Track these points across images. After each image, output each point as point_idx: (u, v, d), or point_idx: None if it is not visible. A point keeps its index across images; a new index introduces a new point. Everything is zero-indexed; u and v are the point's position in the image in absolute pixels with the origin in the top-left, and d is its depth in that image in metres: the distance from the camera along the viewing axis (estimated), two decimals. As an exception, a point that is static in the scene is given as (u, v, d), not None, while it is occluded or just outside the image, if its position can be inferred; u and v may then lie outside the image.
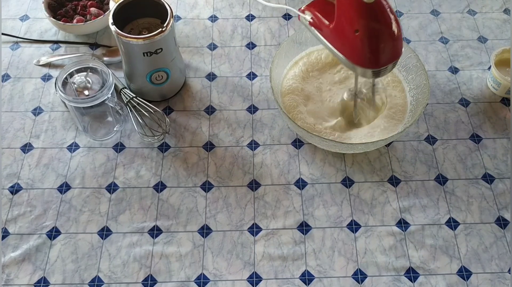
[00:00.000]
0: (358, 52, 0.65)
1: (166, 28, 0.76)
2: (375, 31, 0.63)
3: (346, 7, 0.63)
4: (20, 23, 0.97)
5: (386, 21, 0.63)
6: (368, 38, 0.63)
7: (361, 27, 0.62)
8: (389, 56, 0.65)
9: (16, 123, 0.84)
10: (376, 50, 0.64)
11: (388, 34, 0.63)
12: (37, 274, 0.70)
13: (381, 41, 0.63)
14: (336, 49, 0.68)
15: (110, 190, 0.77)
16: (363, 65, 0.66)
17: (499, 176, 0.78)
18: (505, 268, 0.70)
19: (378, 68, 0.66)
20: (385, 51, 0.64)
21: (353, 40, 0.64)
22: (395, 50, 0.65)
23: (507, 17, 0.98)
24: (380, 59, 0.65)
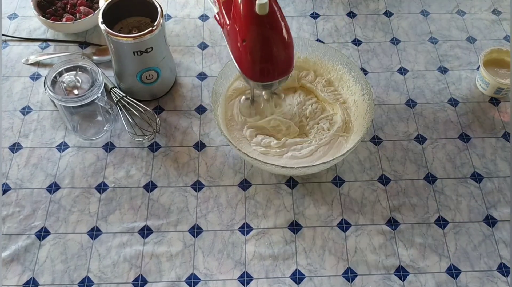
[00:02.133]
0: (244, 62, 0.63)
1: (156, 27, 0.75)
2: (264, 44, 0.60)
3: (238, 13, 0.60)
4: (8, 22, 0.96)
5: (277, 36, 0.60)
6: (255, 51, 0.60)
7: (248, 38, 0.60)
8: (278, 72, 0.63)
9: (5, 123, 0.83)
10: (263, 64, 0.61)
11: (277, 49, 0.61)
12: (26, 275, 0.69)
13: (267, 56, 0.60)
14: (231, 53, 0.65)
15: (100, 189, 0.76)
16: (249, 77, 0.64)
17: (488, 175, 0.79)
18: (494, 266, 0.71)
19: (263, 83, 0.64)
20: (274, 66, 0.62)
21: (241, 48, 0.61)
22: (284, 66, 0.63)
23: (496, 18, 0.99)
24: (265, 74, 0.62)
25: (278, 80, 0.64)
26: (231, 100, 0.81)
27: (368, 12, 1.00)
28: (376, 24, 0.98)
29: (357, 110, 0.79)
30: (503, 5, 1.01)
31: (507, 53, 0.87)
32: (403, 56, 0.93)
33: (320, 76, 0.83)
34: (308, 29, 0.97)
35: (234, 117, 0.79)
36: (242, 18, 0.60)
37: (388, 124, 0.84)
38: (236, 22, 0.61)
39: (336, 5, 1.01)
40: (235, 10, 0.61)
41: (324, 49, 0.81)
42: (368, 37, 0.96)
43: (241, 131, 0.78)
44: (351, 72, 0.80)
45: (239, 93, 0.81)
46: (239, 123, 0.78)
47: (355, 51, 0.93)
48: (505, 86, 0.85)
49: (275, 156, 0.76)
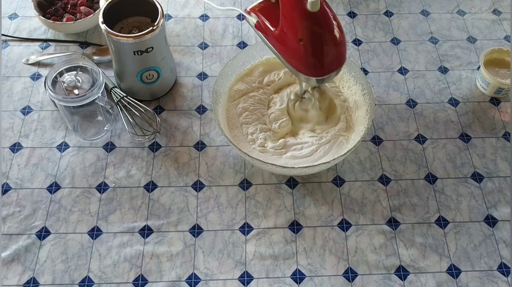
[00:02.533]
0: (302, 61, 0.64)
1: (156, 27, 0.75)
2: (319, 42, 0.62)
3: (290, 14, 0.62)
4: (9, 22, 0.96)
5: (330, 31, 0.62)
6: (312, 48, 0.62)
7: (305, 36, 0.61)
8: (333, 65, 0.65)
9: (5, 123, 0.83)
10: (319, 59, 0.63)
11: (332, 44, 0.63)
12: (27, 275, 0.69)
13: (325, 50, 0.63)
14: (281, 55, 0.67)
15: (100, 189, 0.76)
16: (306, 74, 0.65)
17: (488, 175, 0.79)
18: (494, 266, 0.71)
19: (322, 77, 0.65)
20: (329, 60, 0.64)
21: (297, 48, 0.63)
22: (339, 58, 0.65)
23: (496, 18, 0.99)
24: (324, 68, 0.64)
25: (336, 71, 0.66)
26: (233, 101, 0.81)
27: (368, 12, 1.00)
28: (377, 24, 0.98)
29: (358, 110, 0.79)
30: (503, 5, 1.01)
31: (508, 53, 0.87)
32: (403, 56, 0.93)
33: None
34: (308, 29, 0.96)
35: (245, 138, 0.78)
36: (296, 18, 0.61)
37: (389, 124, 0.84)
38: (288, 23, 0.63)
39: (337, 5, 1.01)
40: (285, 12, 0.62)
41: (325, 49, 0.81)
42: (369, 37, 0.96)
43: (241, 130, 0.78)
44: (352, 72, 0.80)
45: (242, 94, 0.81)
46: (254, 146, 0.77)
47: (356, 51, 0.93)
48: (505, 86, 0.85)
49: (274, 155, 0.76)
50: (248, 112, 0.80)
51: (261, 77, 0.83)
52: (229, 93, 0.81)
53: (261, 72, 0.83)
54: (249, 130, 0.78)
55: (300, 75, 0.66)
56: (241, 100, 0.81)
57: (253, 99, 0.81)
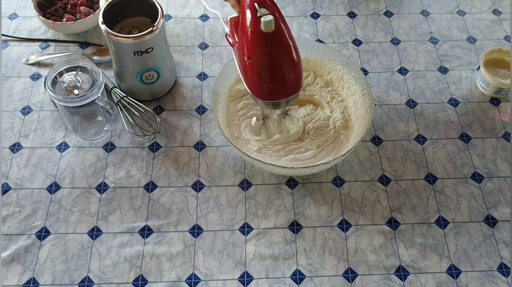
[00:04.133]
0: (250, 80, 0.62)
1: (156, 27, 0.75)
2: (269, 62, 0.59)
3: (245, 30, 0.59)
4: (9, 22, 0.96)
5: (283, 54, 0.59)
6: (261, 68, 0.59)
7: (253, 55, 0.59)
8: (285, 91, 0.62)
9: (5, 123, 0.83)
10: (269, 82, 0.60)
11: (284, 67, 0.59)
12: (26, 275, 0.69)
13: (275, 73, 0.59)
14: (241, 71, 0.64)
15: (100, 189, 0.76)
16: (252, 93, 0.63)
17: (488, 175, 0.79)
18: (494, 266, 0.71)
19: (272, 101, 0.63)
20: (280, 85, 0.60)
21: (247, 66, 0.61)
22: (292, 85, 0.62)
23: (496, 18, 0.99)
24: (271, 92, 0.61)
25: (286, 99, 0.63)
26: (233, 100, 0.81)
27: (368, 12, 1.00)
28: (377, 24, 0.98)
29: (358, 111, 0.79)
30: (503, 5, 1.01)
31: (508, 53, 0.87)
32: (403, 56, 0.93)
33: (319, 77, 0.83)
34: (308, 29, 0.97)
35: (241, 135, 0.78)
36: (248, 35, 0.59)
37: (389, 124, 0.84)
38: (242, 39, 0.60)
39: (337, 5, 1.01)
40: (242, 28, 0.60)
41: (325, 50, 0.81)
42: (369, 37, 0.96)
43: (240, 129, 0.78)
44: (352, 73, 0.80)
45: (242, 94, 0.81)
46: (245, 142, 0.77)
47: (356, 51, 0.93)
48: (505, 86, 0.85)
49: (272, 157, 0.76)
50: (250, 111, 0.80)
51: None
52: (229, 93, 0.81)
53: None
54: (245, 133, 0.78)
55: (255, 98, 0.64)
56: (242, 101, 0.81)
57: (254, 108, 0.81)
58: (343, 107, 0.80)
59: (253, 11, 0.57)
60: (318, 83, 0.83)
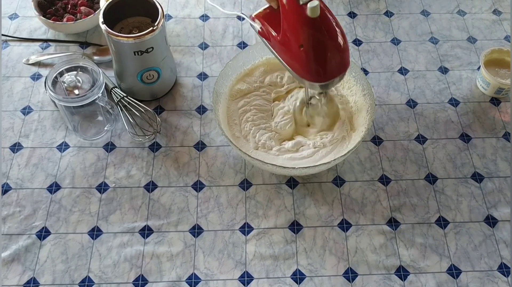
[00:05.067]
0: (304, 66, 0.64)
1: (157, 27, 0.75)
2: (320, 47, 0.62)
3: (291, 20, 0.62)
4: (9, 22, 0.96)
5: (331, 36, 0.62)
6: (313, 53, 0.62)
7: (305, 42, 0.61)
8: (335, 70, 0.64)
9: (5, 123, 0.83)
10: (322, 65, 0.63)
11: (333, 49, 0.62)
12: (27, 275, 0.69)
13: (326, 56, 0.62)
14: (284, 61, 0.67)
15: (100, 189, 0.76)
16: (309, 79, 0.65)
17: (488, 175, 0.79)
18: (494, 266, 0.71)
19: (325, 82, 0.65)
20: (331, 66, 0.63)
21: (298, 54, 0.63)
22: (341, 64, 0.64)
23: (496, 18, 0.99)
24: (326, 73, 0.64)
25: (337, 77, 0.65)
26: (234, 99, 0.81)
27: (368, 12, 1.00)
28: (377, 24, 0.98)
29: (358, 111, 0.79)
30: (503, 5, 1.01)
31: (508, 53, 0.87)
32: (403, 56, 0.93)
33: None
34: (308, 29, 0.96)
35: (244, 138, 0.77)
36: (296, 24, 0.61)
37: (389, 124, 0.84)
38: (289, 30, 0.63)
39: (337, 5, 1.01)
40: (286, 18, 0.62)
41: (325, 50, 0.81)
42: (369, 37, 0.96)
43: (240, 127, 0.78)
44: (352, 73, 0.80)
45: (243, 94, 0.81)
46: (250, 146, 0.77)
47: (356, 51, 0.93)
48: (505, 86, 0.85)
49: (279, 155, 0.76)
50: (250, 114, 0.80)
51: (262, 77, 0.83)
52: (230, 93, 0.81)
53: (262, 72, 0.83)
54: (250, 130, 0.78)
55: (304, 81, 0.66)
56: (242, 99, 0.81)
57: (256, 100, 0.81)
58: (344, 107, 0.80)
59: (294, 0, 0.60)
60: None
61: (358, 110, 0.78)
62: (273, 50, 0.68)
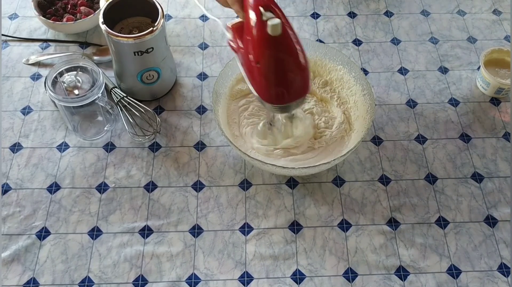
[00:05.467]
0: (260, 85, 0.62)
1: (156, 27, 0.75)
2: (278, 66, 0.59)
3: (251, 36, 0.59)
4: (9, 22, 0.96)
5: (291, 57, 0.59)
6: (270, 73, 0.59)
7: (261, 60, 0.59)
8: (294, 93, 0.61)
9: (5, 123, 0.83)
10: (278, 86, 0.60)
11: (292, 70, 0.59)
12: (27, 275, 0.69)
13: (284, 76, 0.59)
14: (247, 76, 0.64)
15: (100, 189, 0.76)
16: (262, 98, 0.62)
17: (488, 175, 0.79)
18: (494, 266, 0.71)
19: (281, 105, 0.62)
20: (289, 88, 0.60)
21: (256, 71, 0.60)
22: (301, 87, 0.61)
23: (496, 18, 0.99)
24: (284, 95, 0.61)
25: (295, 102, 0.63)
26: (235, 99, 0.81)
27: (368, 12, 1.00)
28: (377, 24, 0.98)
29: (358, 111, 0.79)
30: (503, 5, 1.01)
31: (508, 53, 0.87)
32: (403, 56, 0.93)
33: (318, 77, 0.83)
34: (308, 29, 0.97)
35: (243, 137, 0.77)
36: (255, 40, 0.58)
37: (389, 124, 0.84)
38: (249, 44, 0.60)
39: (337, 5, 1.01)
40: (248, 32, 0.60)
41: (325, 50, 0.81)
42: (369, 37, 0.96)
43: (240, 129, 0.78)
44: (352, 73, 0.80)
45: (244, 94, 0.81)
46: (249, 146, 0.76)
47: (356, 51, 0.93)
48: (505, 87, 0.85)
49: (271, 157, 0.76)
50: (249, 114, 0.80)
51: None
52: (230, 93, 0.81)
53: None
54: (250, 130, 0.78)
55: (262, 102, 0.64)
56: (242, 99, 0.81)
57: (256, 101, 0.81)
58: (344, 107, 0.80)
59: (258, 15, 0.57)
60: (315, 83, 0.83)
61: (358, 111, 0.78)
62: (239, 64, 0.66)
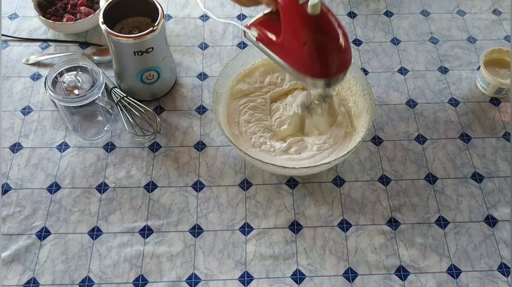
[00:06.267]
0: (308, 64, 0.65)
1: (156, 27, 0.75)
2: (323, 42, 0.63)
3: (292, 21, 0.63)
4: (9, 22, 0.96)
5: (333, 32, 0.63)
6: (317, 50, 0.63)
7: (309, 39, 0.62)
8: (339, 66, 0.65)
9: (5, 123, 0.83)
10: (325, 61, 0.64)
11: (336, 45, 0.63)
12: (27, 275, 0.69)
13: (329, 52, 0.63)
14: (286, 62, 0.67)
15: (100, 189, 0.76)
16: (313, 76, 0.66)
17: (488, 175, 0.79)
18: (494, 266, 0.71)
19: (329, 78, 0.66)
20: (335, 61, 0.64)
21: (302, 53, 0.64)
22: (344, 60, 0.65)
23: (496, 18, 0.99)
24: (330, 69, 0.65)
25: (342, 73, 0.66)
26: (234, 99, 0.81)
27: (368, 12, 1.00)
28: (377, 24, 0.98)
29: (358, 111, 0.79)
30: (503, 5, 1.01)
31: (508, 53, 0.87)
32: (403, 56, 0.93)
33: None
34: (308, 29, 0.97)
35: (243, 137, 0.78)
36: (298, 23, 0.62)
37: (389, 124, 0.84)
38: (291, 30, 0.63)
39: (337, 5, 1.01)
40: (287, 19, 0.63)
41: (325, 50, 0.81)
42: (369, 37, 0.96)
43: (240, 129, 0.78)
44: (352, 73, 0.80)
45: (245, 94, 0.81)
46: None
47: (356, 51, 0.93)
48: (505, 86, 0.85)
49: (277, 155, 0.76)
50: (248, 114, 0.80)
51: (262, 77, 0.83)
52: (230, 92, 0.81)
53: (262, 73, 0.83)
54: (250, 130, 0.78)
55: (307, 80, 0.66)
56: (242, 99, 0.81)
57: (256, 101, 0.81)
58: (346, 114, 0.80)
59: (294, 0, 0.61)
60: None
61: (358, 111, 0.78)
62: (274, 55, 0.68)
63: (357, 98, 0.79)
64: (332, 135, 0.77)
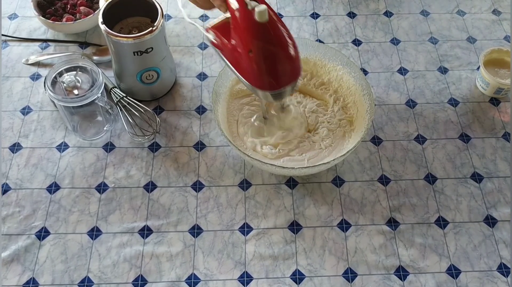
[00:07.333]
0: (254, 74, 0.62)
1: (156, 27, 0.75)
2: (269, 52, 0.60)
3: (239, 26, 0.60)
4: (8, 22, 0.96)
5: (281, 41, 0.60)
6: (263, 59, 0.60)
7: (254, 47, 0.60)
8: (286, 78, 0.63)
9: (5, 123, 0.83)
10: (272, 72, 0.61)
11: (283, 55, 0.61)
12: (26, 275, 0.69)
13: (276, 62, 0.61)
14: (236, 70, 0.65)
15: (100, 190, 0.76)
16: (259, 87, 0.63)
17: (488, 175, 0.79)
18: (494, 266, 0.71)
19: (275, 91, 0.63)
20: (282, 73, 0.62)
21: (248, 61, 0.61)
22: (293, 71, 0.63)
23: (496, 18, 0.99)
24: (278, 80, 0.62)
25: (290, 86, 0.64)
26: (234, 99, 0.81)
27: (368, 12, 1.00)
28: (376, 24, 0.98)
29: (357, 111, 0.79)
30: (503, 5, 1.01)
31: (507, 53, 0.87)
32: (403, 56, 0.93)
33: (315, 77, 0.83)
34: (308, 29, 0.97)
35: (240, 137, 0.78)
36: (245, 29, 0.60)
37: (388, 124, 0.84)
38: (238, 35, 0.61)
39: (336, 5, 1.01)
40: (235, 25, 0.61)
41: (324, 50, 0.81)
42: (368, 37, 0.96)
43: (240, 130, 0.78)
44: (351, 73, 0.80)
45: (244, 94, 0.81)
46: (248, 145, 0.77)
47: (355, 52, 0.93)
48: (505, 87, 0.85)
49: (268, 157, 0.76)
50: (248, 114, 0.80)
51: None
52: (230, 92, 0.81)
53: None
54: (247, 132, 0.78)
55: (256, 91, 0.64)
56: (242, 99, 0.81)
57: (255, 100, 0.81)
58: (343, 107, 0.80)
59: (242, 5, 0.59)
60: (310, 84, 0.83)
61: (358, 111, 0.78)
62: (227, 61, 0.67)
63: (357, 98, 0.79)
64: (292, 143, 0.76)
